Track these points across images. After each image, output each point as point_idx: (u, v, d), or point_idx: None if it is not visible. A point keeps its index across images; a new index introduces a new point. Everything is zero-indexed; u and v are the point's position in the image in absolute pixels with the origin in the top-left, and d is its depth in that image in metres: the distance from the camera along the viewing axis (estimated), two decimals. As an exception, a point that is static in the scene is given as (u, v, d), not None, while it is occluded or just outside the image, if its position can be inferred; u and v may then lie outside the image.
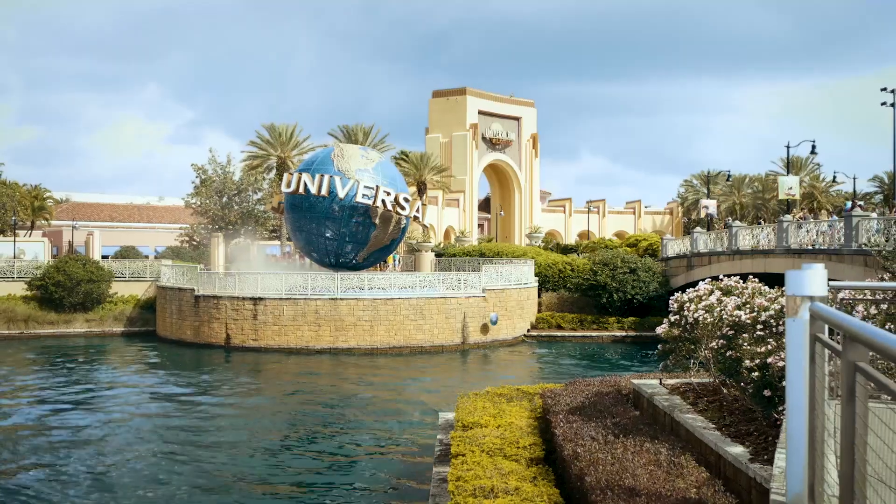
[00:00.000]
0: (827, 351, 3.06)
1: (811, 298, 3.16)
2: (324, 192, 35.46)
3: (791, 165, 56.48)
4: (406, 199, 36.54)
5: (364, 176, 36.07)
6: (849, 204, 38.16)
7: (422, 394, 24.79)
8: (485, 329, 35.53)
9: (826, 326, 3.14)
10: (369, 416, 21.46)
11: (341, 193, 35.42)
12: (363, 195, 35.50)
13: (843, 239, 27.47)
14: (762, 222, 45.83)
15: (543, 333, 38.23)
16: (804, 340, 3.13)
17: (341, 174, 35.89)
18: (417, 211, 37.80)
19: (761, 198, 76.93)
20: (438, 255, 48.96)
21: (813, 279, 3.19)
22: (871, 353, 2.09)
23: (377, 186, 35.68)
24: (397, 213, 36.29)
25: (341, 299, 33.39)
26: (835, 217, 34.67)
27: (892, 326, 7.77)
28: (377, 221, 36.26)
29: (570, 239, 75.01)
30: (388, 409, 22.49)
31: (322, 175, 35.70)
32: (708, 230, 46.91)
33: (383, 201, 35.70)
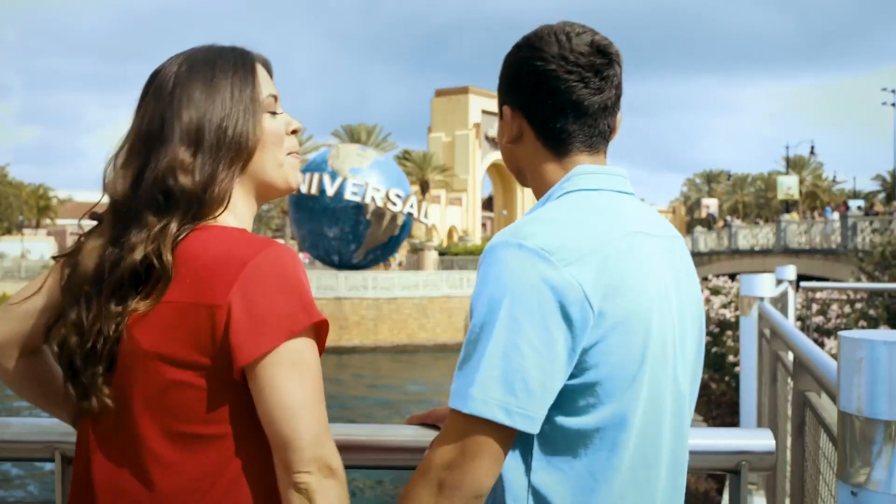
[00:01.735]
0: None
1: (761, 299, 3.63)
2: (314, 191, 35.83)
3: (794, 164, 56.84)
4: (398, 196, 36.71)
5: (357, 174, 36.40)
6: (828, 210, 38.52)
7: (425, 390, 25.29)
8: (487, 327, 35.94)
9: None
10: (373, 412, 21.95)
11: (330, 191, 35.78)
12: (352, 192, 35.82)
13: (839, 239, 27.92)
14: (759, 221, 46.18)
15: (545, 332, 38.60)
16: (754, 335, 3.61)
17: (334, 173, 36.29)
18: (412, 207, 37.87)
19: (764, 196, 77.31)
20: (442, 253, 49.38)
21: (763, 283, 3.67)
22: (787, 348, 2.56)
23: (366, 183, 35.98)
24: (388, 209, 36.54)
25: (345, 298, 33.86)
26: (836, 216, 35.06)
27: (864, 324, 8.24)
28: (370, 218, 36.55)
29: (573, 238, 75.29)
30: (392, 405, 22.98)
31: (312, 174, 36.16)
32: (709, 229, 47.36)
33: (373, 198, 35.98)
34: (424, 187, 62.06)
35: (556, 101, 1.25)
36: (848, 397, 1.08)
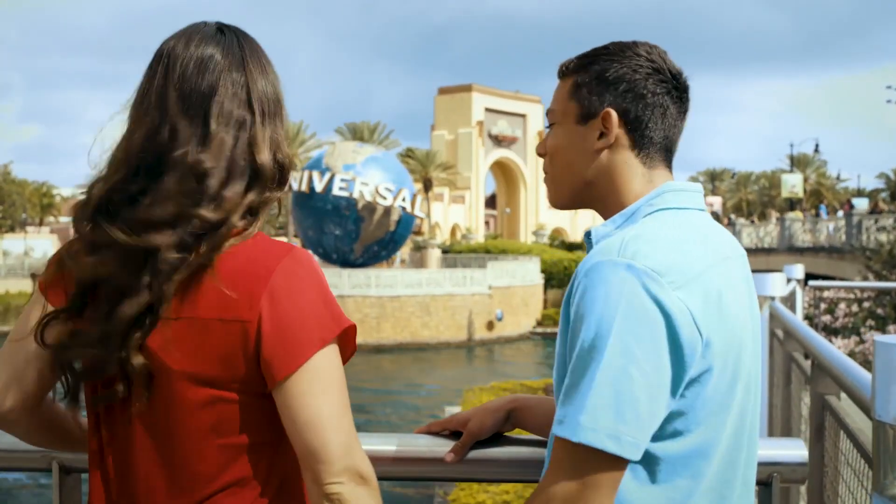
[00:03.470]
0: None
1: (772, 298, 3.58)
2: (304, 188, 35.89)
3: (798, 162, 56.69)
4: (388, 189, 36.52)
5: (350, 170, 36.34)
6: (822, 207, 38.50)
7: (428, 389, 25.27)
8: (490, 326, 35.97)
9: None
10: (376, 410, 21.93)
11: (318, 188, 35.77)
12: (339, 188, 35.74)
13: (844, 237, 27.83)
14: (754, 220, 46.12)
15: (548, 330, 38.62)
16: (765, 336, 3.55)
17: (325, 169, 36.29)
18: (403, 200, 37.53)
19: (768, 194, 77.25)
20: (444, 251, 49.37)
21: (774, 282, 3.61)
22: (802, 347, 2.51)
23: (354, 177, 35.88)
24: (376, 203, 36.37)
25: (348, 296, 33.83)
26: (840, 214, 35.00)
27: (872, 323, 8.18)
28: (361, 213, 36.46)
29: (577, 236, 75.33)
30: (395, 403, 22.97)
31: (303, 171, 36.24)
32: (712, 227, 46.97)
33: (361, 192, 35.84)
34: (427, 185, 62.06)
35: (655, 111, 1.25)
36: (883, 405, 1.04)
